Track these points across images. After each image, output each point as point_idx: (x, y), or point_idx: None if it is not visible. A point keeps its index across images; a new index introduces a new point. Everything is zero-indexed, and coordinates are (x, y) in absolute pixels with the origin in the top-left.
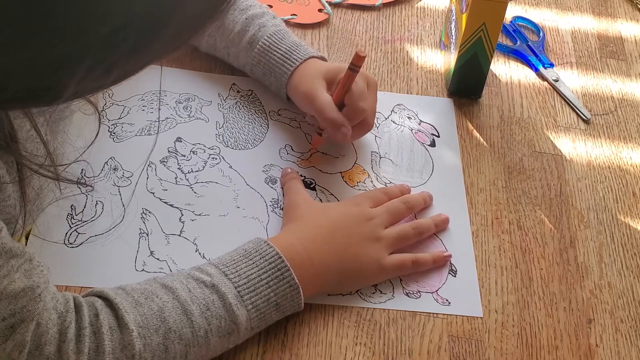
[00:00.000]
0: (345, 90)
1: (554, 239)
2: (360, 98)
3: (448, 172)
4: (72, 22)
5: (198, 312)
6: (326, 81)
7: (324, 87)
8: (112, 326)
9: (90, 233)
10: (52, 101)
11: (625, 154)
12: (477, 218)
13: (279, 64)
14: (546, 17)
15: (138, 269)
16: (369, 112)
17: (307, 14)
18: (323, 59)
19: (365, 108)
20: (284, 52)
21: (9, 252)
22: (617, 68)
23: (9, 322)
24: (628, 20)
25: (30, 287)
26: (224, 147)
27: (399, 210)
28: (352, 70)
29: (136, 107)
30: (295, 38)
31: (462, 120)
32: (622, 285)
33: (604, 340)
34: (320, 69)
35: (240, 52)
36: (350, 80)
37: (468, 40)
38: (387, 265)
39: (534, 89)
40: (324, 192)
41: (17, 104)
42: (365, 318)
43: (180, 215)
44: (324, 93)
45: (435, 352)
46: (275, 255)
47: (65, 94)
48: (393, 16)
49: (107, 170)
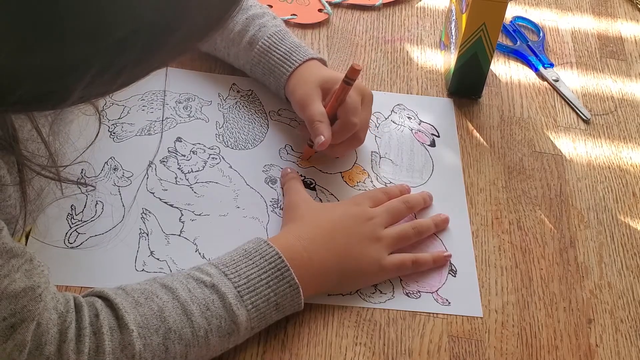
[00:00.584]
0: (338, 103)
1: (554, 239)
2: (353, 113)
3: (448, 172)
4: (83, 27)
5: (198, 312)
6: (322, 91)
7: (319, 97)
8: (112, 326)
9: (90, 233)
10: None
11: (625, 154)
12: (477, 218)
13: (278, 65)
14: (546, 17)
15: (138, 269)
16: (360, 127)
17: (307, 14)
18: (322, 61)
19: (356, 123)
20: (283, 53)
21: (9, 252)
22: (617, 68)
23: (9, 322)
24: (628, 20)
25: (30, 287)
26: (224, 147)
27: (399, 210)
28: (347, 83)
29: (136, 107)
30: (295, 39)
31: (462, 120)
32: (622, 285)
33: (604, 340)
34: (318, 76)
35: (240, 52)
36: (344, 93)
37: (468, 40)
38: (387, 265)
39: (534, 89)
40: (324, 192)
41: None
42: (365, 318)
43: (180, 215)
44: (318, 103)
45: (435, 352)
46: (275, 255)
47: (71, 98)
48: (393, 16)
49: (107, 170)
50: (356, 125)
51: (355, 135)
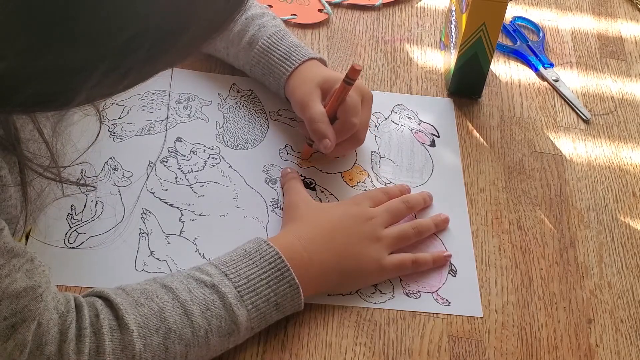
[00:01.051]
0: (339, 103)
1: (554, 239)
2: (353, 113)
3: (448, 172)
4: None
5: (198, 312)
6: (322, 91)
7: (318, 97)
8: (113, 326)
9: (90, 233)
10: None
11: (625, 154)
12: (477, 218)
13: (278, 65)
14: (546, 17)
15: (138, 269)
16: (360, 127)
17: (307, 14)
18: (322, 61)
19: (356, 123)
20: (283, 53)
21: (10, 251)
22: (617, 68)
23: (10, 322)
24: (628, 20)
25: (31, 287)
26: (224, 147)
27: (399, 209)
28: (347, 83)
29: (136, 107)
30: (295, 39)
31: (462, 120)
32: (622, 285)
33: (604, 340)
34: (317, 76)
35: (240, 52)
36: (345, 93)
37: (468, 40)
38: (387, 265)
39: (534, 89)
40: (324, 192)
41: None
42: (365, 318)
43: (180, 215)
44: (318, 103)
45: (435, 352)
46: (275, 255)
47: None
48: (393, 16)
49: (107, 170)
50: (356, 125)
51: (355, 136)
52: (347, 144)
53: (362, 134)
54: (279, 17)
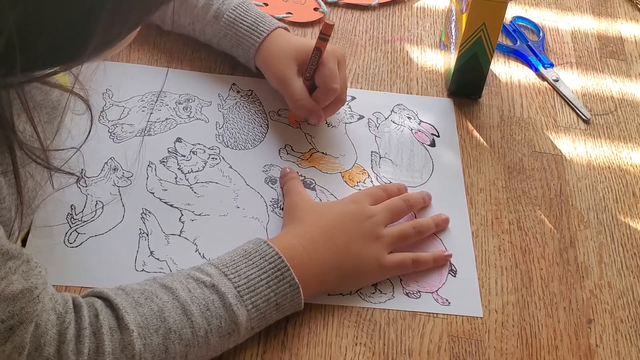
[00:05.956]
0: (317, 66)
1: (554, 239)
2: (332, 79)
3: (448, 172)
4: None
5: (198, 312)
6: (297, 64)
7: (295, 71)
8: (112, 326)
9: (90, 233)
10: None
11: (625, 154)
12: (477, 218)
13: (246, 36)
14: (546, 17)
15: (138, 269)
16: (341, 90)
17: (302, 13)
18: (286, 29)
19: (337, 88)
20: (250, 24)
21: (6, 254)
22: (617, 68)
23: (7, 324)
24: (628, 20)
25: (28, 288)
26: (223, 147)
27: (399, 208)
28: (323, 39)
29: (136, 108)
30: (258, 9)
31: (462, 120)
32: (622, 285)
33: (604, 340)
34: (291, 48)
35: (206, 27)
36: (322, 50)
37: (468, 40)
38: (387, 264)
39: (534, 89)
40: (324, 192)
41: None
42: (365, 318)
43: (180, 215)
44: (296, 79)
45: (435, 352)
46: (275, 255)
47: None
48: (393, 16)
49: (107, 170)
50: (337, 90)
51: (337, 98)
52: (332, 107)
53: (344, 95)
54: (274, 15)
